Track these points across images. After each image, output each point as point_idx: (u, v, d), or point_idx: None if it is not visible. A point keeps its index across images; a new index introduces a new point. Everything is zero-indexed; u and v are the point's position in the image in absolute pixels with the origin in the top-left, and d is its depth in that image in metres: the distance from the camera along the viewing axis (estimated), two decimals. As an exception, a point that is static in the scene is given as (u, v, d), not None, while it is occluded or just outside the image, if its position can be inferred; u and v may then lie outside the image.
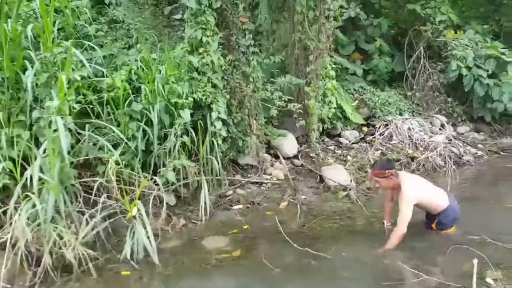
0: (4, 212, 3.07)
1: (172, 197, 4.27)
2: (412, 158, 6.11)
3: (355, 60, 7.80)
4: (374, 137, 6.57)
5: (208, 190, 4.36)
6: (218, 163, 4.51)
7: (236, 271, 3.19)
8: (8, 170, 3.16)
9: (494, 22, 9.10)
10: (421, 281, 2.75)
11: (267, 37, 6.26)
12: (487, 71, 7.13)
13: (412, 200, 3.38)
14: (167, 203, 3.89)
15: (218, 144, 4.46)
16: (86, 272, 3.05)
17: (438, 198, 3.58)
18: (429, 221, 3.70)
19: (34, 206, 3.01)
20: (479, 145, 7.19)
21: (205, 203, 4.21)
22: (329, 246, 3.47)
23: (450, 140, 6.74)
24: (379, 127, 6.72)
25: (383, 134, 6.58)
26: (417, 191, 3.46)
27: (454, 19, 7.69)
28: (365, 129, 6.91)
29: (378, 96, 7.10)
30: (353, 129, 6.84)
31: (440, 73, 7.67)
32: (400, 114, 7.03)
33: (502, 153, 7.10)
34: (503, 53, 7.16)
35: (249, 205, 4.74)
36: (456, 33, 7.64)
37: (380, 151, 6.27)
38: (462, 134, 7.38)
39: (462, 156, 6.52)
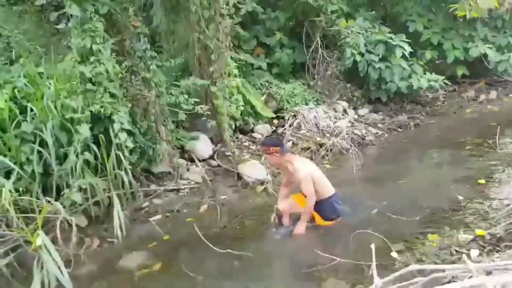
0: None
1: (83, 218, 4.17)
2: (321, 145, 6.72)
3: (258, 54, 8.22)
4: (285, 129, 7.06)
5: (122, 205, 4.34)
6: (128, 176, 4.49)
7: (158, 286, 3.27)
8: None
9: (380, 8, 10.25)
10: (336, 264, 3.03)
11: (166, 38, 6.32)
12: (378, 55, 8.07)
13: (308, 174, 3.76)
14: (77, 225, 3.80)
15: (125, 156, 4.44)
16: (-10, 318, 2.90)
17: (326, 182, 3.98)
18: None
19: None
20: (379, 125, 8.16)
21: (119, 219, 4.18)
22: (250, 244, 3.69)
23: (353, 123, 7.55)
24: (288, 119, 7.24)
25: (292, 125, 7.10)
26: (309, 166, 3.90)
27: (344, 8, 8.52)
28: (275, 121, 7.38)
29: (283, 88, 7.61)
30: (265, 123, 7.25)
31: (337, 60, 8.46)
32: (306, 104, 7.63)
33: (399, 129, 8.14)
34: (390, 38, 8.15)
35: (168, 214, 4.82)
36: (347, 21, 8.47)
37: (291, 141, 6.77)
38: (363, 116, 8.29)
39: (365, 137, 7.34)
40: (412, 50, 8.30)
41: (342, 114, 7.81)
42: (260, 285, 3.06)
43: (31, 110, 3.91)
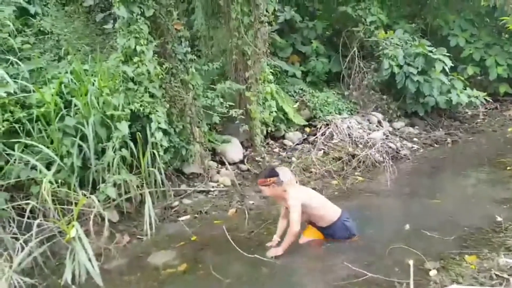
0: None
1: (115, 213, 4.27)
2: (353, 156, 6.58)
3: (293, 62, 8.22)
4: (316, 137, 6.98)
5: (153, 203, 4.41)
6: (161, 174, 4.57)
7: (185, 286, 3.26)
8: None
9: (421, 21, 10.03)
10: (366, 279, 2.95)
11: (205, 43, 6.43)
12: (417, 68, 7.86)
13: (297, 200, 3.57)
14: (109, 220, 3.88)
15: (159, 155, 4.52)
16: (24, 301, 2.99)
17: (328, 208, 3.78)
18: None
19: (-41, 236, 2.90)
20: (415, 139, 7.92)
21: (150, 217, 4.24)
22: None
23: (387, 136, 7.36)
24: (320, 127, 7.15)
25: (324, 134, 7.01)
26: (303, 194, 3.72)
27: (383, 19, 8.39)
28: (307, 129, 7.31)
29: (317, 97, 7.55)
30: (296, 130, 7.21)
31: (374, 72, 8.32)
32: (339, 114, 7.53)
33: (435, 145, 7.87)
34: (430, 51, 7.93)
35: (196, 215, 4.85)
36: (386, 32, 8.34)
37: (322, 151, 6.67)
38: (398, 129, 8.08)
39: (399, 150, 7.13)
40: (452, 65, 8.05)
41: (377, 126, 7.65)
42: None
43: (75, 105, 4.05)
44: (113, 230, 4.01)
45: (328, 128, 7.15)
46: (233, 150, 6.18)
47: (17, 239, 3.26)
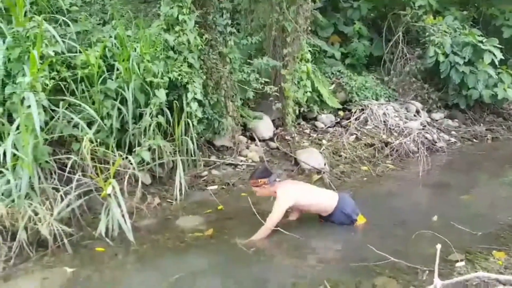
0: (-23, 188, 3.23)
1: (147, 176, 4.51)
2: (386, 143, 6.54)
3: (333, 42, 8.11)
4: (350, 121, 6.95)
5: (183, 171, 4.62)
6: (193, 144, 4.76)
7: (210, 250, 3.43)
8: (-20, 146, 3.31)
9: (473, 8, 9.57)
10: (388, 263, 2.99)
11: (245, 16, 6.45)
12: (464, 58, 7.58)
13: (284, 202, 3.62)
14: (142, 182, 4.11)
15: (193, 125, 4.69)
16: (61, 248, 3.26)
17: (321, 202, 3.81)
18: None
19: (8, 182, 3.19)
20: (453, 132, 7.74)
21: (180, 183, 4.46)
22: (301, 228, 3.73)
23: (425, 126, 7.22)
24: (355, 112, 7.11)
25: (358, 119, 6.98)
26: (291, 196, 3.70)
27: (433, 4, 8.06)
28: (341, 113, 7.28)
29: (355, 80, 7.45)
30: (329, 113, 7.18)
31: (417, 58, 8.08)
32: (376, 99, 7.43)
33: (474, 140, 7.68)
34: (480, 41, 7.61)
35: (224, 186, 5.04)
36: (435, 18, 8.04)
37: (355, 136, 6.67)
38: (437, 120, 7.90)
39: (436, 142, 7.01)
40: (503, 57, 7.70)
41: (414, 115, 7.51)
42: (308, 268, 3.11)
43: (117, 69, 4.24)
44: (145, 191, 4.25)
45: (363, 113, 7.10)
46: (264, 127, 6.28)
47: (57, 190, 3.54)
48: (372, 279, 2.85)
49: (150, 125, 4.31)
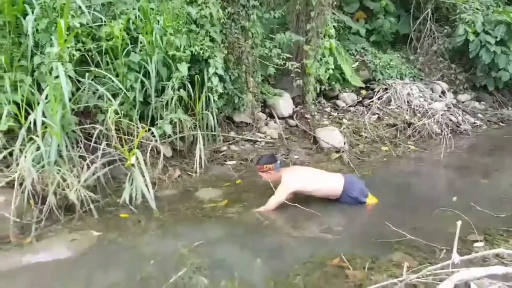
0: (10, 154, 3.47)
1: (169, 149, 4.71)
2: (409, 124, 6.55)
3: (358, 19, 8.01)
4: (372, 101, 6.96)
5: (203, 145, 4.80)
6: (213, 119, 4.91)
7: (228, 221, 3.61)
8: (13, 113, 3.53)
9: (510, -16, 9.25)
10: (405, 240, 3.08)
11: (268, -11, 6.44)
12: (496, 37, 7.40)
13: (287, 187, 3.76)
14: (163, 155, 4.32)
15: (214, 100, 4.83)
16: (88, 212, 3.51)
17: (327, 187, 3.89)
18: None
19: (38, 149, 3.41)
20: (479, 115, 7.66)
21: (200, 157, 4.66)
22: (318, 206, 3.82)
23: (450, 107, 7.17)
24: (378, 91, 7.10)
25: (381, 98, 6.98)
26: (296, 181, 3.83)
27: (466, -20, 7.87)
28: (363, 92, 7.28)
29: (379, 58, 7.41)
30: (352, 91, 7.19)
31: (446, 37, 7.95)
32: (401, 79, 7.39)
33: (501, 124, 7.59)
34: (515, 19, 7.42)
35: (242, 162, 5.21)
36: (467, -5, 7.85)
37: (376, 116, 6.69)
38: (463, 102, 7.81)
39: (460, 125, 6.97)
40: (538, 38, 7.49)
41: (439, 96, 7.45)
42: (324, 241, 3.24)
43: (140, 42, 4.38)
44: (166, 164, 4.45)
45: (387, 92, 7.09)
46: (284, 104, 6.37)
47: (84, 159, 3.76)
48: (389, 255, 2.95)
49: (172, 99, 4.47)
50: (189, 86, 4.69)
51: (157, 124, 4.40)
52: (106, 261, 2.84)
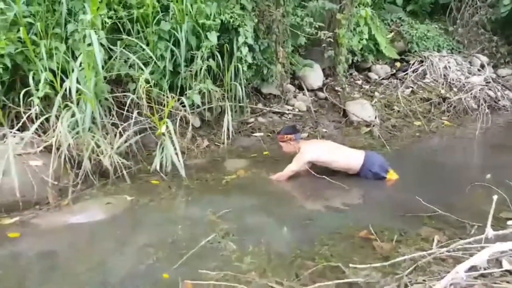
0: (47, 120, 3.65)
1: (197, 119, 4.81)
2: (444, 99, 6.40)
3: (395, -13, 7.74)
4: (406, 73, 6.80)
5: (231, 116, 4.87)
6: (241, 90, 4.95)
7: (255, 190, 3.70)
8: (49, 80, 3.68)
9: None
10: (436, 215, 3.06)
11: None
12: (546, 7, 7.04)
13: (303, 155, 3.84)
14: (192, 124, 4.43)
15: (243, 70, 4.85)
16: (120, 178, 3.68)
17: (345, 160, 3.90)
18: None
19: (73, 115, 3.57)
20: (520, 90, 7.37)
21: (227, 128, 4.74)
22: (346, 179, 3.85)
23: (488, 82, 6.93)
24: (413, 63, 6.92)
25: (416, 71, 6.81)
26: (313, 151, 3.88)
27: None
28: (398, 64, 7.11)
29: (416, 29, 7.17)
30: (385, 63, 7.05)
31: (489, 7, 7.58)
32: (438, 51, 7.16)
33: (544, 100, 7.27)
34: None
35: (269, 134, 5.27)
36: (515, -40, 7.39)
37: (410, 89, 6.55)
38: (503, 77, 7.51)
39: (499, 100, 6.76)
40: None
41: (478, 70, 7.19)
42: (352, 213, 3.28)
43: (171, 10, 4.41)
44: (194, 134, 4.57)
45: (422, 65, 6.91)
46: (314, 76, 6.32)
47: (116, 126, 3.91)
48: (418, 229, 2.96)
49: (201, 69, 4.52)
50: (218, 56, 4.72)
51: (186, 94, 4.49)
52: (138, 223, 3.00)
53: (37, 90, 3.64)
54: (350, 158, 3.92)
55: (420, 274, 2.29)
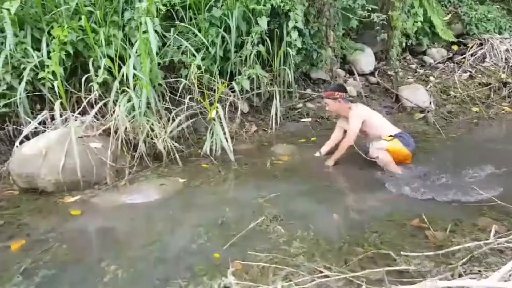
0: (105, 104, 3.83)
1: (245, 104, 4.85)
2: (505, 84, 5.99)
3: (455, -35, 7.25)
4: (464, 57, 6.42)
5: (279, 101, 4.85)
6: (290, 75, 4.91)
7: (303, 176, 3.69)
8: (107, 66, 3.85)
9: None
10: (494, 206, 2.87)
11: None
12: None
13: (359, 115, 3.78)
14: (241, 110, 4.47)
15: (292, 55, 4.80)
16: (173, 161, 3.81)
17: (386, 128, 3.79)
18: None
19: (129, 100, 3.71)
20: None
21: (276, 113, 4.74)
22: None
23: (557, 66, 6.38)
24: (472, 47, 6.51)
25: (475, 55, 6.40)
26: (364, 112, 3.81)
27: None
28: (455, 47, 6.72)
29: (476, 10, 6.71)
30: (441, 47, 6.69)
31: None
32: (499, 33, 6.67)
33: None
34: None
35: (318, 119, 5.20)
36: None
37: (468, 74, 6.18)
38: None
39: None
40: None
41: (545, 53, 6.63)
42: (404, 201, 3.16)
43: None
44: (243, 119, 4.61)
45: (481, 48, 6.49)
46: (365, 60, 6.14)
47: (169, 111, 4.03)
48: (474, 219, 2.82)
49: (250, 54, 4.53)
50: (268, 41, 4.70)
51: (235, 79, 4.52)
52: (190, 205, 3.09)
53: (97, 76, 3.82)
54: (390, 127, 3.84)
55: (475, 264, 2.20)
